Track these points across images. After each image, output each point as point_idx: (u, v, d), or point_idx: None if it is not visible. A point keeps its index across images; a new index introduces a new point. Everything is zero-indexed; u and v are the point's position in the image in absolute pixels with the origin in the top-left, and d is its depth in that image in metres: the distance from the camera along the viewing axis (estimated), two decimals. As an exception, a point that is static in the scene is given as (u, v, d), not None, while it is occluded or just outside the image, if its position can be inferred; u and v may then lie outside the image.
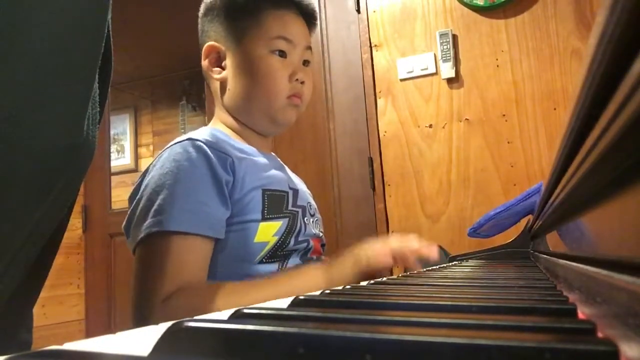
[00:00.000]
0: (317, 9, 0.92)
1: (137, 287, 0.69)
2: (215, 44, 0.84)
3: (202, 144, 0.73)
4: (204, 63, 0.86)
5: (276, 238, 0.76)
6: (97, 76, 0.39)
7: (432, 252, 0.72)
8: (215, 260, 0.73)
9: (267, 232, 0.76)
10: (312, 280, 0.69)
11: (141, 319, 0.67)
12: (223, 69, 0.85)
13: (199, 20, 0.89)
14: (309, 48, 0.86)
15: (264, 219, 0.76)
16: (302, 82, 0.84)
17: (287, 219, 0.79)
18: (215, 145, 0.75)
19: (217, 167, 0.72)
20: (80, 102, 0.37)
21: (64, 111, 0.36)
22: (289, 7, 0.85)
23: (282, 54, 0.82)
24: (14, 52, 0.31)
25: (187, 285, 0.67)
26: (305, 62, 0.86)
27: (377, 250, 0.68)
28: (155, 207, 0.69)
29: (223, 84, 0.85)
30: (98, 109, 0.41)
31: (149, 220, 0.68)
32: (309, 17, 0.88)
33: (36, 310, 0.49)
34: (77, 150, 0.38)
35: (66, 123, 0.36)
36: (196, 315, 0.25)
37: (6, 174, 0.32)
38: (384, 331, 0.17)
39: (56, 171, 0.36)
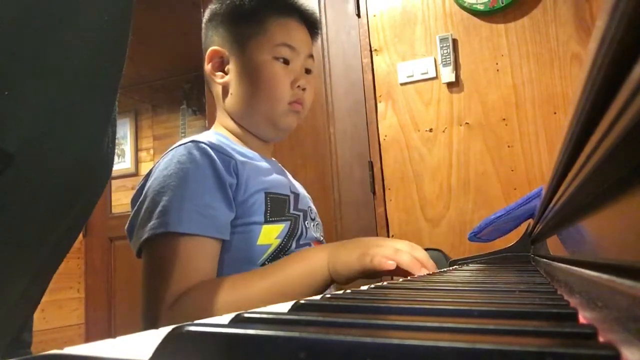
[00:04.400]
0: (319, 17, 0.93)
1: (145, 291, 0.69)
2: (219, 48, 0.85)
3: (206, 146, 0.74)
4: (207, 67, 0.86)
5: (278, 241, 0.77)
6: (117, 96, 0.40)
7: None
8: (219, 261, 0.73)
9: (270, 234, 0.76)
10: (317, 265, 0.68)
11: (150, 323, 0.67)
12: (226, 73, 0.85)
13: (204, 25, 0.89)
14: (311, 56, 0.87)
15: (266, 221, 0.76)
16: (304, 89, 0.84)
17: (289, 222, 0.79)
18: (218, 148, 0.75)
19: (221, 170, 0.73)
20: (102, 120, 0.38)
21: (87, 129, 0.37)
22: (293, 15, 0.86)
23: (285, 61, 0.83)
24: (45, 72, 0.32)
25: (194, 285, 0.67)
26: (307, 71, 0.87)
27: (387, 255, 0.66)
28: (159, 208, 0.69)
29: (225, 88, 0.86)
30: (116, 128, 0.42)
31: (153, 221, 0.68)
32: (312, 26, 0.89)
33: (36, 314, 0.49)
34: (98, 168, 0.39)
35: (89, 140, 0.37)
36: (204, 314, 0.25)
37: (35, 189, 0.33)
38: (386, 335, 0.17)
39: (78, 187, 0.38)
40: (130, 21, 0.39)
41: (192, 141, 0.75)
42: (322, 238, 0.91)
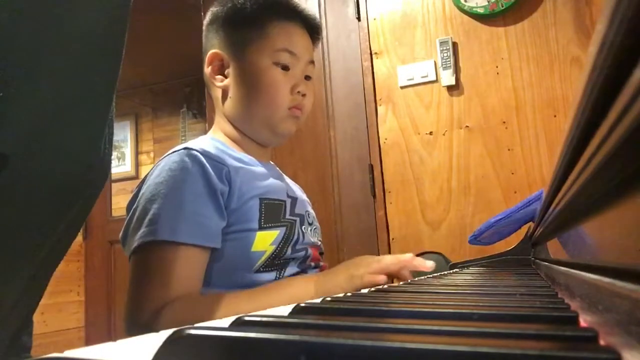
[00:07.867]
0: (320, 22, 0.92)
1: (130, 296, 0.69)
2: (219, 51, 0.85)
3: (197, 153, 0.73)
4: (207, 70, 0.86)
5: (273, 247, 0.76)
6: (114, 98, 0.40)
7: (427, 265, 0.71)
8: (213, 269, 0.73)
9: (265, 241, 0.76)
10: (303, 292, 0.69)
11: (133, 328, 0.67)
12: (226, 77, 0.85)
13: (204, 28, 0.89)
14: (312, 62, 0.87)
15: (260, 228, 0.75)
16: (304, 95, 0.84)
17: (284, 227, 0.79)
18: (211, 154, 0.75)
19: (213, 177, 0.72)
20: (99, 122, 0.38)
21: (83, 130, 0.37)
22: (295, 20, 0.85)
23: (285, 67, 0.82)
24: (39, 73, 0.32)
25: (180, 296, 0.67)
26: (307, 77, 0.86)
27: (373, 269, 0.68)
28: (149, 216, 0.69)
29: (225, 91, 0.85)
30: (113, 129, 0.42)
31: (143, 229, 0.68)
32: (313, 32, 0.88)
33: (35, 317, 0.49)
34: (95, 169, 0.39)
35: (85, 142, 0.37)
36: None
37: (31, 191, 0.33)
38: (386, 339, 0.17)
39: (76, 188, 0.38)
40: (126, 23, 0.39)
41: (184, 148, 0.75)
42: (319, 242, 0.91)
